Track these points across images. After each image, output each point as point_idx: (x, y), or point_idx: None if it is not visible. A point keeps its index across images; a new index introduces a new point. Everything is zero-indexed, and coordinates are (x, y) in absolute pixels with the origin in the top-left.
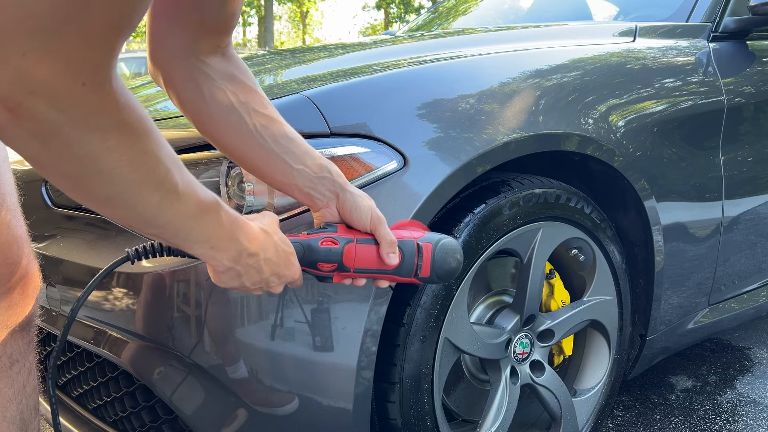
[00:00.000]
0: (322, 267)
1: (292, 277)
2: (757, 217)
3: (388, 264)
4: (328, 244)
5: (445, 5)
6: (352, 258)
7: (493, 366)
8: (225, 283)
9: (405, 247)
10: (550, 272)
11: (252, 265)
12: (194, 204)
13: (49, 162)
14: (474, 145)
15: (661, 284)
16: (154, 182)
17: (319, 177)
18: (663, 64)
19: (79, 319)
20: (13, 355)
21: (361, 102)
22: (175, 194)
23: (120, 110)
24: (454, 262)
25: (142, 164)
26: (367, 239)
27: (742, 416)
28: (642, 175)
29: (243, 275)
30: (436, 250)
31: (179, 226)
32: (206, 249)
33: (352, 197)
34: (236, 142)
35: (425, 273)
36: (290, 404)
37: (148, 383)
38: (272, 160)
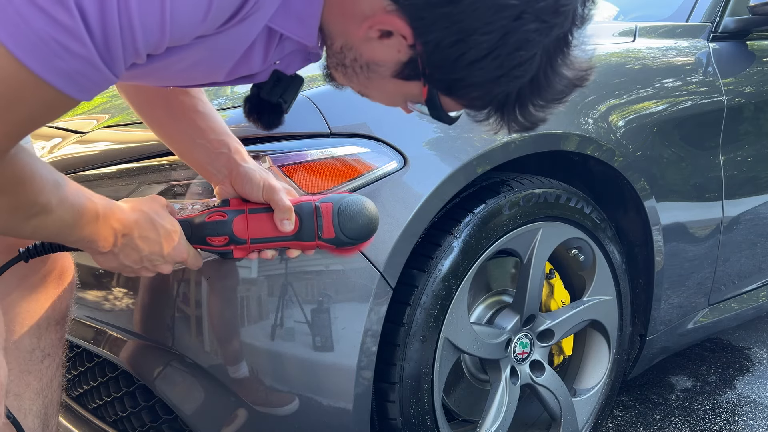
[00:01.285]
0: (212, 241)
1: (180, 255)
2: (757, 217)
3: (282, 230)
4: (216, 218)
5: None
6: (244, 228)
7: (493, 366)
8: (104, 263)
9: (302, 211)
10: (550, 272)
11: (126, 244)
12: (69, 214)
13: None
14: (474, 145)
15: (661, 284)
16: (26, 218)
17: (216, 153)
18: (663, 64)
19: (79, 319)
20: (45, 348)
21: (361, 102)
22: (50, 215)
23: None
24: (363, 219)
25: (20, 210)
26: (261, 208)
27: (742, 416)
28: (642, 175)
29: (119, 254)
30: (338, 208)
31: (55, 236)
32: (84, 242)
33: (244, 170)
34: (150, 113)
35: (329, 234)
36: (290, 404)
37: (148, 383)
38: (178, 134)
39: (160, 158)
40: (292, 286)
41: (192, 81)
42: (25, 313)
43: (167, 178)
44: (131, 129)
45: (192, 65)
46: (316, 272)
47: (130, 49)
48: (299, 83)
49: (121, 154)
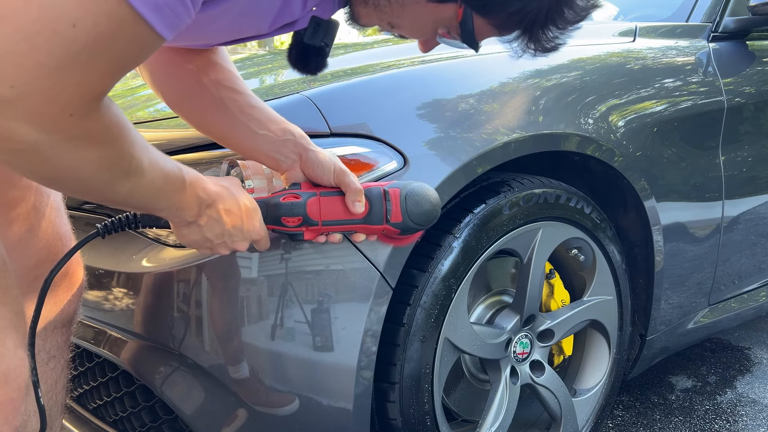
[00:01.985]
0: (287, 222)
1: (258, 233)
2: (757, 217)
3: (354, 212)
4: (291, 199)
5: None
6: (317, 210)
7: (493, 366)
8: (187, 236)
9: (372, 195)
10: (550, 272)
11: (211, 215)
12: (160, 177)
13: (22, 167)
14: (474, 145)
15: (661, 284)
16: (125, 176)
17: (282, 140)
18: (663, 64)
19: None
20: (51, 351)
21: (361, 102)
22: (142, 176)
23: (102, 131)
24: (428, 205)
25: (115, 167)
26: (332, 191)
27: (742, 416)
28: (642, 175)
29: (203, 227)
30: (405, 193)
31: (147, 201)
32: (172, 211)
33: (315, 154)
34: (205, 115)
35: (396, 218)
36: (290, 404)
37: (148, 383)
38: (238, 129)
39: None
40: (292, 286)
41: (238, 34)
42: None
43: None
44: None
45: (238, 15)
46: (316, 272)
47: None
48: (336, 26)
49: None
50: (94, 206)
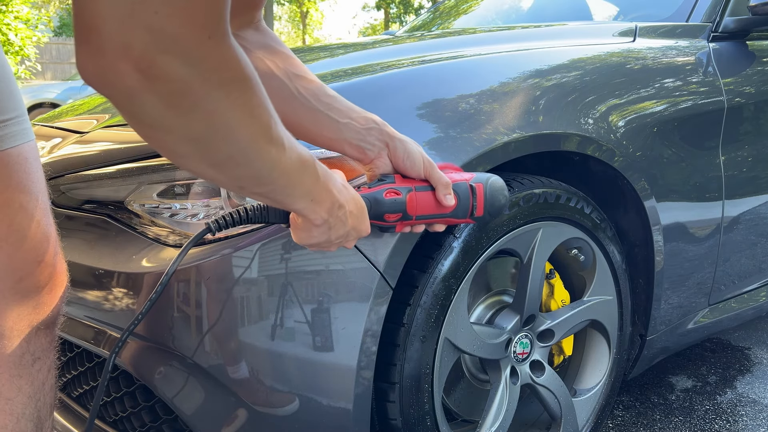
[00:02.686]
0: (389, 218)
1: (366, 230)
2: (757, 217)
3: (446, 206)
4: (392, 195)
5: (445, 5)
6: (414, 206)
7: (493, 366)
8: (315, 237)
9: (459, 190)
10: (550, 272)
11: (340, 217)
12: (296, 158)
13: (176, 125)
14: (474, 145)
15: (661, 284)
16: (269, 136)
17: (366, 128)
18: (663, 64)
19: (79, 319)
20: (36, 352)
21: (361, 102)
22: (283, 148)
23: (239, 63)
24: (503, 199)
25: (259, 118)
26: (423, 186)
27: (742, 416)
28: (642, 175)
29: (332, 228)
30: (487, 188)
31: (287, 181)
32: (308, 202)
33: (402, 144)
34: (281, 107)
35: (480, 212)
36: (290, 404)
37: (148, 383)
38: (319, 119)
39: (160, 158)
40: (292, 286)
41: None
42: (15, 318)
43: (167, 178)
44: (131, 129)
45: None
46: (316, 272)
47: None
48: None
49: (121, 154)
50: (94, 206)
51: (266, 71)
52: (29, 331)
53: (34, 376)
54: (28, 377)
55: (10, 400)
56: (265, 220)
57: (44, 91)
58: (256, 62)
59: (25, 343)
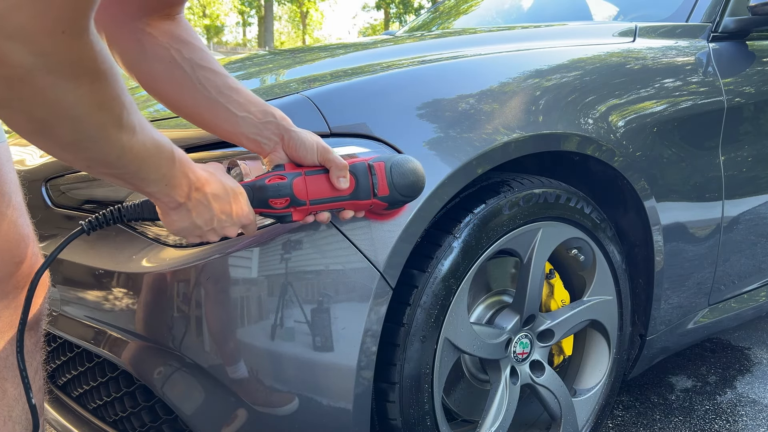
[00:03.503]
0: (274, 204)
1: (247, 217)
2: (757, 217)
3: (339, 188)
4: (276, 180)
5: (445, 5)
6: (303, 189)
7: (493, 366)
8: (176, 222)
9: (357, 170)
10: (550, 272)
11: (200, 200)
12: (151, 143)
13: (17, 106)
14: (474, 145)
15: (661, 284)
16: (119, 125)
17: (263, 122)
18: (663, 64)
19: (79, 319)
20: None
21: (360, 102)
22: (134, 135)
23: (95, 58)
24: (413, 176)
25: (110, 109)
26: (317, 170)
27: (742, 416)
28: (642, 175)
29: (192, 211)
30: (389, 166)
31: (139, 165)
32: (161, 186)
33: (297, 134)
34: (182, 96)
35: (383, 191)
36: (290, 404)
37: (148, 383)
38: (217, 111)
39: None
40: (292, 286)
41: None
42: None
43: None
44: None
45: None
46: (316, 272)
47: None
48: None
49: None
50: (94, 206)
51: (169, 60)
52: (13, 333)
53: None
54: (14, 379)
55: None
56: (140, 216)
57: None
58: (162, 51)
59: (9, 345)
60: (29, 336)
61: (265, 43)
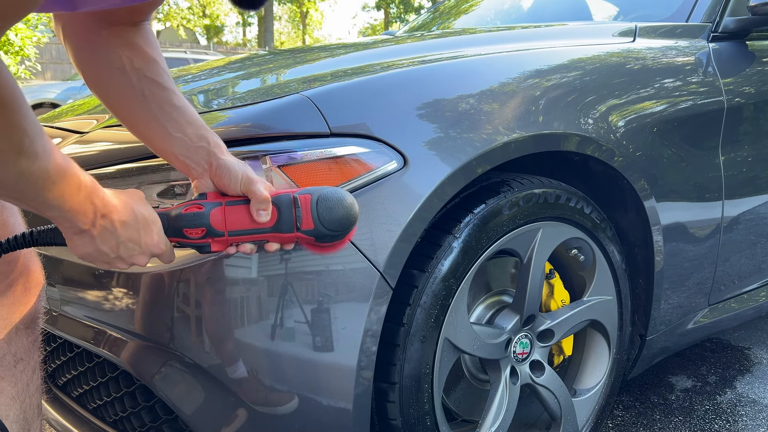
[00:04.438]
0: (189, 234)
1: (158, 246)
2: (757, 217)
3: (258, 220)
4: (193, 209)
5: (445, 5)
6: (221, 221)
7: (493, 366)
8: (79, 247)
9: (280, 202)
10: (550, 272)
11: (106, 226)
12: (53, 169)
13: None
14: (474, 145)
15: (661, 284)
16: (17, 150)
17: (195, 146)
18: (663, 64)
19: (79, 319)
20: (17, 353)
21: (361, 102)
22: (35, 161)
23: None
24: (341, 210)
25: (8, 137)
26: (239, 200)
27: (742, 416)
28: (642, 175)
29: (97, 238)
30: (316, 199)
31: (37, 191)
32: (63, 212)
33: (224, 163)
34: (121, 103)
35: (308, 225)
36: (290, 404)
37: (148, 383)
38: (153, 126)
39: (160, 158)
40: (292, 286)
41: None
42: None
43: (167, 178)
44: None
45: None
46: (316, 272)
47: None
48: None
49: (121, 154)
50: None
51: (118, 66)
52: (8, 332)
53: (17, 378)
54: (11, 378)
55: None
56: (51, 241)
57: (44, 91)
58: (111, 54)
59: (5, 344)
60: (25, 334)
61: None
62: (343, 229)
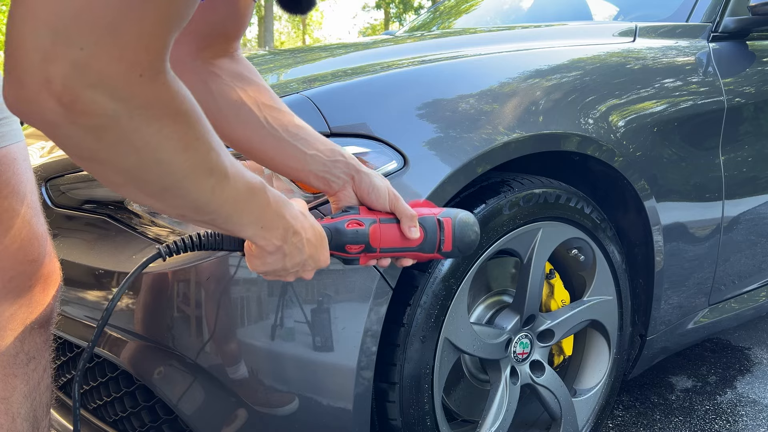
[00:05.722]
0: (350, 249)
1: (325, 261)
2: (757, 217)
3: (410, 238)
4: (354, 226)
5: (445, 5)
6: (378, 237)
7: (493, 366)
8: (269, 265)
9: (426, 223)
10: (550, 272)
11: (296, 244)
12: (243, 185)
13: (106, 157)
14: (474, 145)
15: (661, 284)
16: (207, 167)
17: (332, 160)
18: (663, 64)
19: (79, 319)
20: (30, 352)
21: (361, 102)
22: (225, 177)
23: (174, 99)
24: (473, 235)
25: (196, 150)
26: (388, 218)
27: (742, 416)
28: (642, 175)
29: (287, 255)
30: (456, 224)
31: (231, 209)
32: (257, 229)
33: (368, 177)
34: (248, 135)
35: (447, 248)
36: (290, 404)
37: (148, 383)
38: (285, 149)
39: None
40: (292, 286)
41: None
42: (8, 317)
43: None
44: None
45: None
46: (316, 272)
47: None
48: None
49: None
50: (94, 206)
51: (236, 100)
52: (22, 331)
53: (29, 376)
54: (23, 377)
55: (5, 400)
56: (219, 246)
57: None
58: (228, 91)
59: (19, 343)
60: (39, 334)
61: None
62: (469, 251)
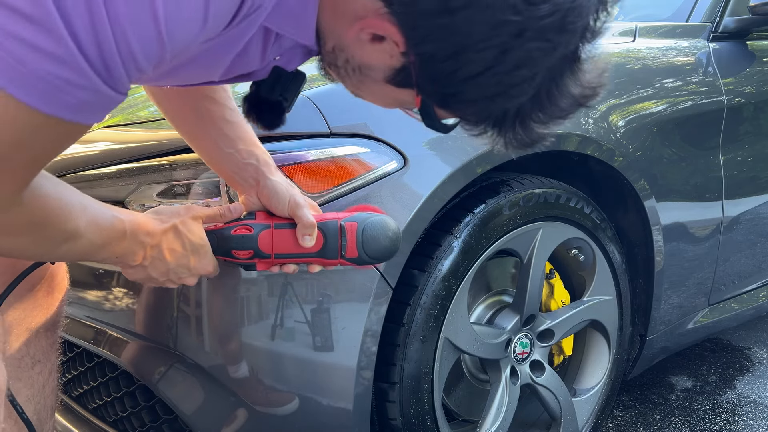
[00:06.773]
0: (237, 254)
1: (205, 269)
2: (757, 217)
3: (304, 245)
4: (242, 231)
5: None
6: (269, 244)
7: (493, 366)
8: (132, 276)
9: (327, 229)
10: (550, 272)
11: (155, 256)
12: (97, 237)
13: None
14: (474, 145)
15: (661, 284)
16: (58, 244)
17: (245, 163)
18: (663, 64)
19: (79, 319)
20: (35, 355)
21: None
22: (79, 238)
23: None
24: (386, 241)
25: (45, 244)
26: (286, 224)
27: (742, 416)
28: (642, 175)
29: (148, 267)
30: (362, 228)
31: (86, 255)
32: (113, 259)
33: (272, 184)
34: (182, 121)
35: (352, 254)
36: (290, 404)
37: (148, 383)
38: (206, 141)
39: (160, 158)
40: (292, 286)
41: (187, 80)
42: (14, 321)
43: (167, 178)
44: (131, 129)
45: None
46: (316, 272)
47: (132, 67)
48: (301, 80)
49: (121, 154)
50: None
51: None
52: (28, 334)
53: (33, 379)
54: (28, 380)
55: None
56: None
57: None
58: None
59: (25, 346)
60: (45, 337)
61: None
62: (383, 258)
